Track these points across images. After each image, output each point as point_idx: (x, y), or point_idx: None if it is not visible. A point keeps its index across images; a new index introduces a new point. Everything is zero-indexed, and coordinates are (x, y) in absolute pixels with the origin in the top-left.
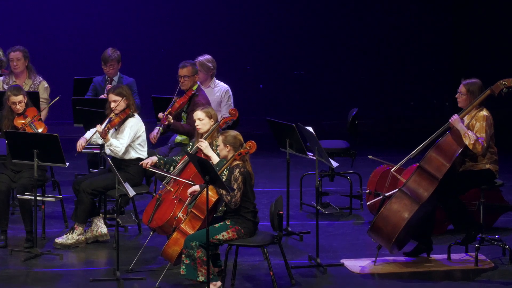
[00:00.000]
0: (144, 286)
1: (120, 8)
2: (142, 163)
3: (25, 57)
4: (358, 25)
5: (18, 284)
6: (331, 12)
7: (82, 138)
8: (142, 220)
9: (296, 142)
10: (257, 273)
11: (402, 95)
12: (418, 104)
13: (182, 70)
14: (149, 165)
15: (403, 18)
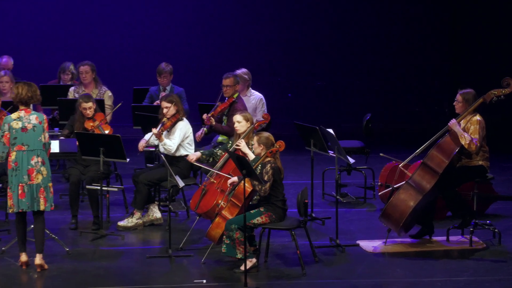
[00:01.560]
0: (192, 262)
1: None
2: (188, 158)
3: (92, 70)
4: (372, 43)
5: (87, 260)
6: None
7: (142, 139)
8: (190, 207)
9: (319, 142)
10: (286, 252)
11: (408, 102)
12: (422, 110)
13: (225, 80)
14: (194, 159)
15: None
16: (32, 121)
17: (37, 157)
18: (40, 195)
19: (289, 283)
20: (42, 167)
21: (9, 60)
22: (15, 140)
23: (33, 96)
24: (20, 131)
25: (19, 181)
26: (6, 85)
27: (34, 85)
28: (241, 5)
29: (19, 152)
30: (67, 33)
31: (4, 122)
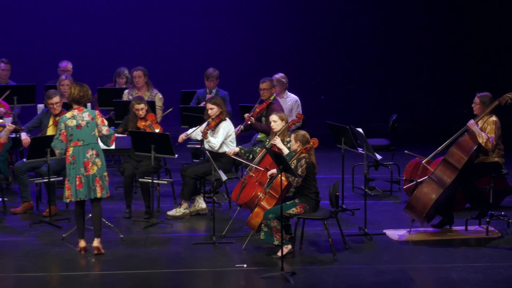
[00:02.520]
0: (234, 248)
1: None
2: (227, 152)
3: (144, 74)
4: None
5: (139, 246)
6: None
7: (184, 133)
8: (231, 198)
9: (349, 140)
10: (319, 240)
11: (431, 104)
12: (443, 110)
13: (262, 84)
14: (232, 153)
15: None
16: (85, 118)
17: (92, 150)
18: (96, 184)
19: (322, 268)
20: (97, 158)
21: (68, 65)
22: (71, 137)
23: (84, 96)
24: (75, 128)
25: (77, 173)
26: (67, 88)
27: (86, 86)
28: (278, 13)
29: (76, 147)
30: (122, 40)
31: (60, 121)
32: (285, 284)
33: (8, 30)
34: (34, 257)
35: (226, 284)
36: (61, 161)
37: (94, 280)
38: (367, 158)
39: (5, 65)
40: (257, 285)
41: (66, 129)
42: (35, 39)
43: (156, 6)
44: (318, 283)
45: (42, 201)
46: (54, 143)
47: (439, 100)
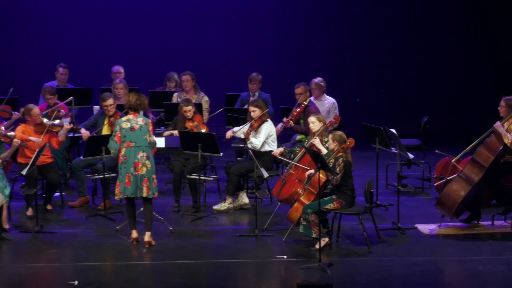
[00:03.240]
0: (275, 240)
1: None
2: (273, 153)
3: (192, 78)
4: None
5: (187, 238)
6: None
7: (230, 130)
8: (273, 194)
9: (383, 140)
10: (354, 233)
11: (460, 107)
12: (471, 113)
13: (297, 89)
14: (278, 154)
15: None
16: (139, 123)
17: (143, 152)
18: (143, 184)
19: (357, 260)
20: (147, 161)
21: (120, 69)
22: (124, 138)
23: (141, 104)
24: (129, 130)
25: (127, 172)
26: (121, 91)
27: (143, 96)
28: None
29: (128, 148)
30: (172, 47)
31: (116, 124)
32: (323, 274)
33: (66, 37)
34: (90, 248)
35: (268, 274)
36: (115, 158)
37: (145, 270)
38: (400, 157)
39: (63, 70)
40: (296, 275)
41: (120, 131)
42: (91, 44)
43: (204, 14)
44: (354, 274)
45: (98, 196)
46: (110, 143)
47: (468, 103)
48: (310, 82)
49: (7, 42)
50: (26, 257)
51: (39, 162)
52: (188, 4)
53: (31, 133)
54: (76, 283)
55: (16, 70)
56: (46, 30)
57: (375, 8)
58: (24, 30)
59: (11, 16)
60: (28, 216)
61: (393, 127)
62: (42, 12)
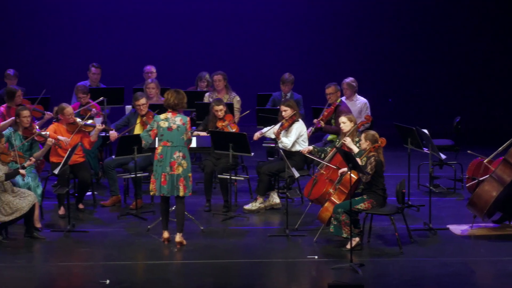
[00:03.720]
0: (305, 240)
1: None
2: (301, 150)
3: (224, 78)
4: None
5: (218, 237)
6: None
7: (259, 131)
8: (303, 194)
9: (415, 140)
10: (385, 234)
11: (493, 107)
12: (504, 113)
13: (328, 89)
14: (306, 152)
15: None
16: (177, 122)
17: (179, 152)
18: (180, 183)
19: (389, 260)
20: (183, 160)
21: (152, 69)
22: (161, 137)
23: (179, 103)
24: (167, 130)
25: (163, 171)
26: (153, 91)
27: (182, 93)
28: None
29: (165, 147)
30: (204, 47)
31: (154, 120)
32: (354, 275)
33: (99, 37)
34: (121, 247)
35: (298, 274)
36: (147, 158)
37: (176, 269)
38: (432, 158)
39: (95, 69)
40: (327, 275)
41: (157, 129)
42: (124, 44)
43: (236, 15)
44: (385, 274)
45: (129, 195)
46: (143, 134)
47: (501, 102)
48: (342, 82)
49: (40, 42)
50: (58, 256)
51: (71, 161)
52: (221, 4)
53: (63, 132)
54: (108, 282)
55: (48, 70)
56: (79, 30)
57: (407, 9)
58: (57, 30)
59: (44, 16)
60: (60, 215)
61: (425, 127)
62: (75, 12)
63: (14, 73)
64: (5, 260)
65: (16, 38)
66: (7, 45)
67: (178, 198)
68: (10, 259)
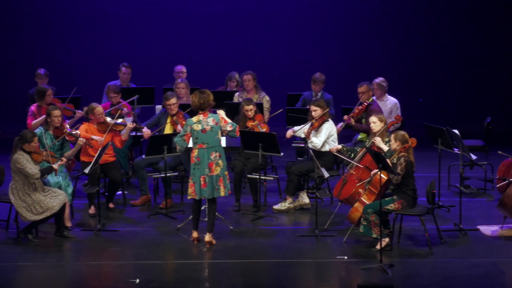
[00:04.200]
0: (335, 241)
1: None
2: (330, 149)
3: (253, 78)
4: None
5: (247, 237)
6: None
7: (290, 129)
8: (333, 194)
9: (446, 141)
10: (416, 234)
11: None
12: None
13: (360, 88)
14: (335, 150)
15: None
16: (210, 123)
17: (215, 152)
18: (219, 183)
19: (419, 261)
20: (220, 160)
21: (183, 68)
22: (196, 140)
23: (205, 102)
24: (201, 132)
25: (201, 174)
26: (183, 91)
27: (207, 91)
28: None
29: (201, 149)
30: (234, 47)
31: (187, 124)
32: (384, 275)
33: (129, 37)
34: (151, 246)
35: (328, 274)
36: (177, 157)
37: (205, 268)
38: (463, 158)
39: (126, 69)
40: (357, 276)
41: (191, 132)
42: (154, 44)
43: (266, 15)
44: (415, 275)
45: (159, 195)
46: (177, 139)
47: None
48: (372, 82)
49: (71, 41)
50: (88, 255)
51: (101, 160)
52: (250, 4)
53: (94, 131)
54: (137, 281)
55: (79, 70)
56: (109, 30)
57: (438, 9)
58: (87, 30)
59: (76, 16)
60: (90, 214)
61: (455, 127)
62: (106, 12)
63: (45, 73)
64: (35, 259)
65: (47, 38)
66: (38, 44)
67: (211, 199)
68: (40, 258)
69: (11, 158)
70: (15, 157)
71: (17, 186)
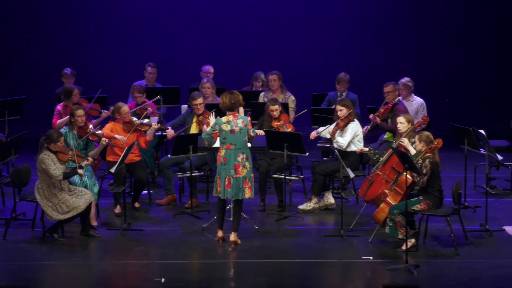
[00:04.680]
0: (360, 241)
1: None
2: (356, 150)
3: (279, 78)
4: None
5: (272, 237)
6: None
7: (315, 130)
8: (359, 194)
9: (472, 141)
10: (441, 235)
11: None
12: None
13: (386, 88)
14: (359, 151)
15: None
16: (239, 125)
17: (243, 154)
18: (245, 185)
19: (444, 261)
20: (246, 162)
21: (210, 68)
22: (224, 140)
23: (235, 102)
24: (229, 133)
25: (227, 174)
26: (208, 90)
27: (236, 93)
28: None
29: (228, 150)
30: (259, 47)
31: (216, 123)
32: (409, 276)
33: (155, 37)
34: (177, 246)
35: (353, 274)
36: (202, 157)
37: (230, 268)
38: (489, 158)
39: (151, 69)
40: (382, 276)
41: (220, 132)
42: (179, 44)
43: (292, 15)
44: (440, 276)
45: (185, 194)
46: (205, 136)
47: None
48: (398, 82)
49: (98, 42)
50: (114, 254)
51: (127, 160)
52: (276, 4)
53: (120, 131)
54: (163, 281)
55: (105, 69)
56: (136, 30)
57: (463, 10)
58: (114, 30)
59: (102, 16)
60: (116, 213)
61: (481, 127)
62: (131, 12)
63: (71, 72)
64: (61, 258)
65: (74, 38)
66: (65, 44)
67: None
68: (66, 257)
69: (37, 158)
70: (40, 157)
71: (43, 185)
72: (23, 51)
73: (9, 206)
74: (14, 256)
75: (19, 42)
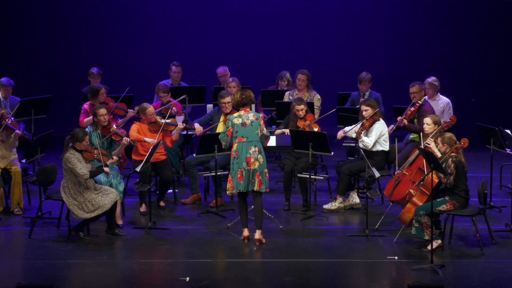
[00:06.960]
0: (386, 241)
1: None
2: None
3: (308, 78)
4: None
5: (297, 236)
6: None
7: (341, 130)
8: (384, 194)
9: (498, 141)
10: (467, 235)
11: None
12: None
13: (412, 88)
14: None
15: None
16: (250, 118)
17: (255, 147)
18: (256, 178)
19: (470, 261)
20: (259, 155)
21: (224, 71)
22: (236, 134)
23: (246, 98)
24: (241, 126)
25: (239, 167)
26: (234, 89)
27: (248, 90)
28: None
29: (240, 143)
30: (285, 46)
31: (228, 120)
32: (434, 276)
33: (181, 36)
34: (201, 245)
35: (378, 274)
36: (227, 156)
37: (256, 267)
38: None
39: (176, 68)
40: (408, 276)
41: (232, 127)
42: (205, 44)
43: (317, 14)
44: (466, 276)
45: (210, 193)
46: (221, 136)
47: None
48: (424, 82)
49: (124, 42)
50: (139, 252)
51: (153, 159)
52: (301, 4)
53: (146, 131)
54: (188, 280)
55: (132, 69)
56: (161, 30)
57: (489, 9)
58: (140, 30)
59: (128, 17)
60: (141, 212)
61: (508, 127)
62: (157, 12)
63: (98, 72)
64: (87, 256)
65: (100, 38)
66: (91, 44)
67: (256, 194)
68: (91, 255)
69: (62, 157)
70: (66, 156)
71: (69, 184)
72: (50, 50)
73: (35, 205)
74: (39, 254)
75: (46, 42)
